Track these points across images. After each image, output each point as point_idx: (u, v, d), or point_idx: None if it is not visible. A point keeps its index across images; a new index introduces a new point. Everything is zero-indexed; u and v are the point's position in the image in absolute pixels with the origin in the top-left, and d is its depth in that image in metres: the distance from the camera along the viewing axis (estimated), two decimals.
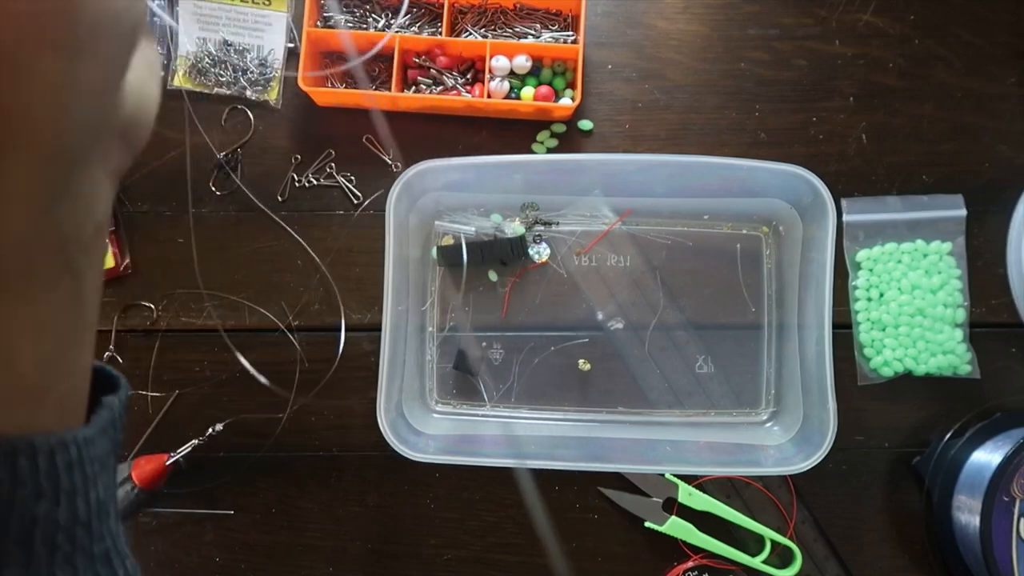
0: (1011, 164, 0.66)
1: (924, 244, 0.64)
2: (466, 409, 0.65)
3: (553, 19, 0.67)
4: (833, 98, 0.67)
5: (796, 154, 0.66)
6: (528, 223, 0.66)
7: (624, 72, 0.67)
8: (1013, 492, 0.57)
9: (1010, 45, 0.67)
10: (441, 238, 0.66)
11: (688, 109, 0.67)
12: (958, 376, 0.63)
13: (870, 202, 0.65)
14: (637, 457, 0.61)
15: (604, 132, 0.67)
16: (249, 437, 0.64)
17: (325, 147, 0.66)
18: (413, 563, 0.64)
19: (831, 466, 0.64)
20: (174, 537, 0.64)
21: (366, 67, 0.67)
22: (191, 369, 0.65)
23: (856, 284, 0.65)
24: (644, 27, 0.68)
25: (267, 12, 0.67)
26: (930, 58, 0.67)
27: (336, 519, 0.64)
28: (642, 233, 0.66)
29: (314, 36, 0.64)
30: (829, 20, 0.68)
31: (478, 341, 0.65)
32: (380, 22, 0.66)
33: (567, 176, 0.64)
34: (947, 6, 0.67)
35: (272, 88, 0.67)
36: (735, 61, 0.67)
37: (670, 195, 0.65)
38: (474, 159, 0.61)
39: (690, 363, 0.65)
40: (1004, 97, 0.67)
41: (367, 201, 0.66)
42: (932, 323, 0.63)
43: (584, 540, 0.64)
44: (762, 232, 0.66)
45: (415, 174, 0.60)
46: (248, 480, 0.64)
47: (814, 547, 0.63)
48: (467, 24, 0.67)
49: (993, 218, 0.65)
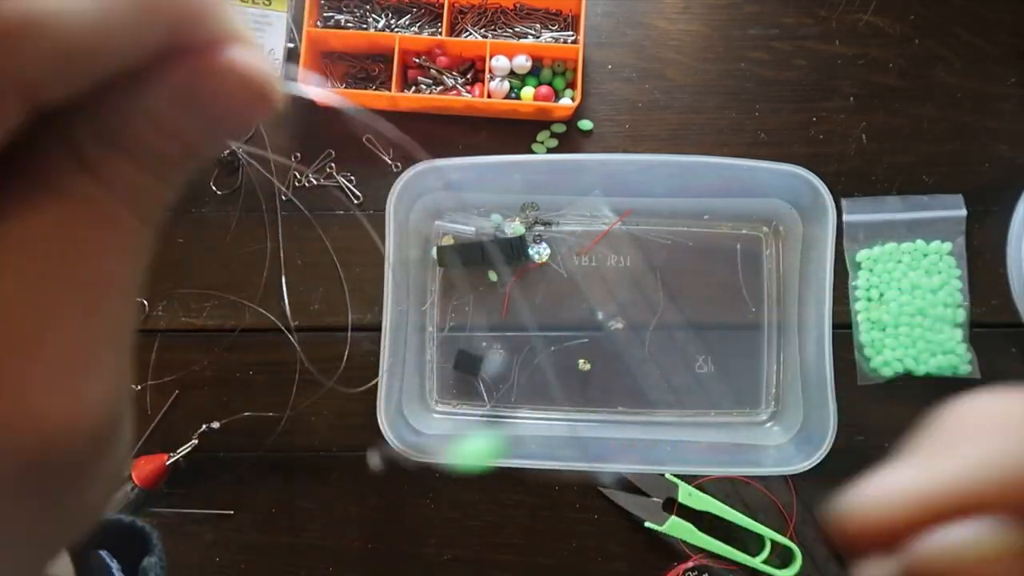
0: (1011, 164, 0.66)
1: (924, 244, 0.64)
2: (466, 409, 0.65)
3: (553, 19, 0.67)
4: (833, 98, 0.67)
5: (796, 154, 0.66)
6: (528, 223, 0.66)
7: (624, 72, 0.67)
8: None
9: (1010, 45, 0.67)
10: (441, 238, 0.66)
11: (688, 109, 0.67)
12: (958, 376, 0.63)
13: (870, 202, 0.65)
14: (637, 457, 0.61)
15: (604, 132, 0.67)
16: (249, 437, 0.64)
17: (325, 147, 0.66)
18: (413, 563, 0.64)
19: (831, 466, 0.63)
20: (174, 537, 0.64)
21: (366, 67, 0.67)
22: (191, 369, 0.65)
23: (856, 284, 0.65)
24: (644, 27, 0.68)
25: (267, 12, 0.67)
26: (930, 58, 0.67)
27: (336, 519, 0.64)
28: (642, 233, 0.66)
29: (314, 36, 0.64)
30: (829, 20, 0.68)
31: (478, 341, 0.65)
32: (380, 22, 0.66)
33: (567, 176, 0.64)
34: (947, 6, 0.67)
35: None
36: (735, 61, 0.67)
37: (670, 195, 0.65)
38: (474, 159, 0.61)
39: (690, 363, 0.65)
40: (1004, 97, 0.67)
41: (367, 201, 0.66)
42: (932, 323, 0.63)
43: (584, 540, 0.64)
44: (762, 232, 0.66)
45: (415, 174, 0.60)
46: (248, 480, 0.64)
47: (814, 547, 0.63)
48: (467, 24, 0.67)
49: (993, 218, 0.65)
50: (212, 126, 0.15)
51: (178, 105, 0.14)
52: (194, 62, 0.14)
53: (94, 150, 0.14)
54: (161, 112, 0.14)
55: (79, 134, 0.14)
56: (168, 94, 0.14)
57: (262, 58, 0.15)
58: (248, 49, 0.15)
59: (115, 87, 0.14)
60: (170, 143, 0.15)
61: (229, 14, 0.15)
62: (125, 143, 0.14)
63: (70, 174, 0.14)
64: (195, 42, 0.14)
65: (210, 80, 0.14)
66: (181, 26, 0.14)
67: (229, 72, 0.15)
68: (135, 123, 0.14)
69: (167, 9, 0.14)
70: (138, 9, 0.13)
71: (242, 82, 0.15)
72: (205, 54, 0.15)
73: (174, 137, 0.15)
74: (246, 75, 0.15)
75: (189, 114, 0.15)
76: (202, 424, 0.64)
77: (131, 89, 0.14)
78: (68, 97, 0.13)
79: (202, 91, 0.14)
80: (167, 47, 0.14)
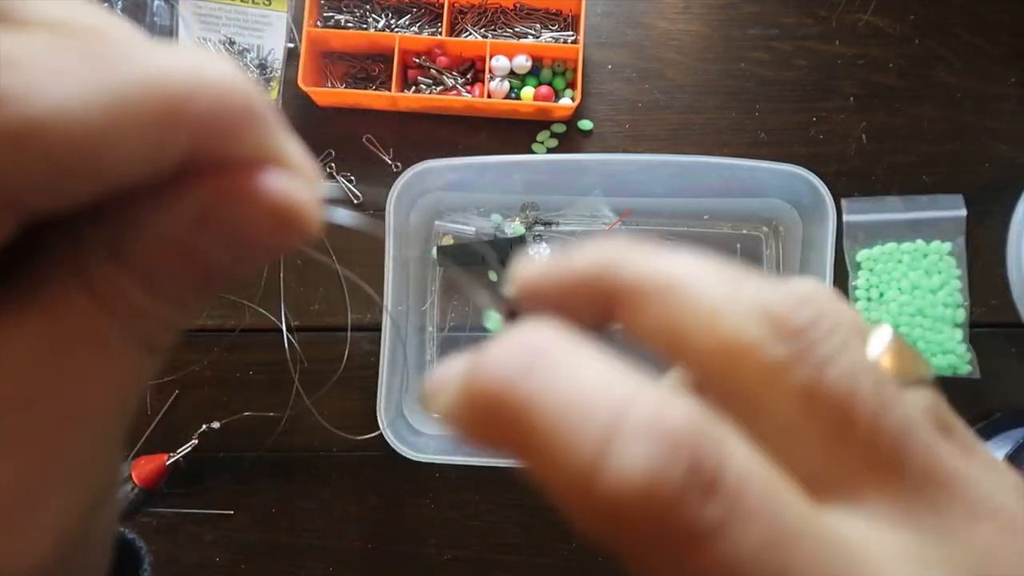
0: (1011, 164, 0.66)
1: (924, 244, 0.64)
2: None
3: (553, 19, 0.67)
4: (833, 98, 0.67)
5: (796, 154, 0.66)
6: (528, 223, 0.66)
7: (624, 72, 0.67)
8: None
9: (1010, 45, 0.67)
10: (441, 238, 0.66)
11: (688, 109, 0.67)
12: (958, 376, 0.63)
13: (870, 202, 0.65)
14: None
15: (604, 132, 0.67)
16: (249, 437, 0.64)
17: (325, 147, 0.66)
18: (413, 563, 0.64)
19: None
20: (174, 537, 0.64)
21: (366, 67, 0.67)
22: (191, 369, 0.65)
23: (856, 284, 0.65)
24: (644, 27, 0.68)
25: (267, 12, 0.67)
26: (930, 58, 0.67)
27: (336, 519, 0.64)
28: (642, 233, 0.66)
29: (314, 36, 0.64)
30: (829, 20, 0.68)
31: (478, 341, 0.65)
32: (380, 22, 0.66)
33: (567, 176, 0.64)
34: (947, 6, 0.67)
35: (272, 88, 0.67)
36: (735, 61, 0.67)
37: (670, 195, 0.65)
38: (474, 159, 0.61)
39: None
40: (1004, 97, 0.67)
41: (367, 201, 0.66)
42: (932, 323, 0.63)
43: (584, 540, 0.64)
44: (762, 232, 0.66)
45: (415, 174, 0.60)
46: (248, 480, 0.64)
47: None
48: (467, 24, 0.67)
49: (993, 218, 0.65)
50: (234, 254, 0.13)
51: (196, 226, 0.13)
52: (219, 182, 0.13)
53: (98, 264, 0.12)
54: (176, 231, 0.13)
55: (85, 242, 0.12)
56: (186, 212, 0.13)
57: (303, 182, 0.13)
58: (288, 171, 0.13)
59: (128, 195, 0.12)
60: (184, 266, 0.13)
61: (269, 128, 0.13)
62: (133, 260, 0.12)
63: (66, 288, 0.12)
64: (225, 157, 0.13)
65: (235, 205, 0.13)
66: (207, 141, 0.12)
67: (258, 199, 0.13)
68: (147, 239, 0.12)
69: (190, 122, 0.12)
70: (155, 120, 0.11)
71: (272, 211, 0.13)
72: (233, 174, 0.13)
73: (189, 260, 0.13)
74: (278, 205, 0.13)
75: (208, 237, 0.13)
76: (202, 424, 0.63)
77: (145, 200, 0.12)
78: (67, 208, 0.12)
79: (224, 216, 0.13)
80: (191, 160, 0.12)
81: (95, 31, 0.12)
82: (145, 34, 0.13)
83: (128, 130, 0.11)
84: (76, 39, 0.11)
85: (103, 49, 0.11)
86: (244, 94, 0.13)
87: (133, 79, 0.11)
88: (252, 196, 0.13)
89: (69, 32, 0.12)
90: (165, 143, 0.12)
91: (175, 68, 0.12)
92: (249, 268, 0.14)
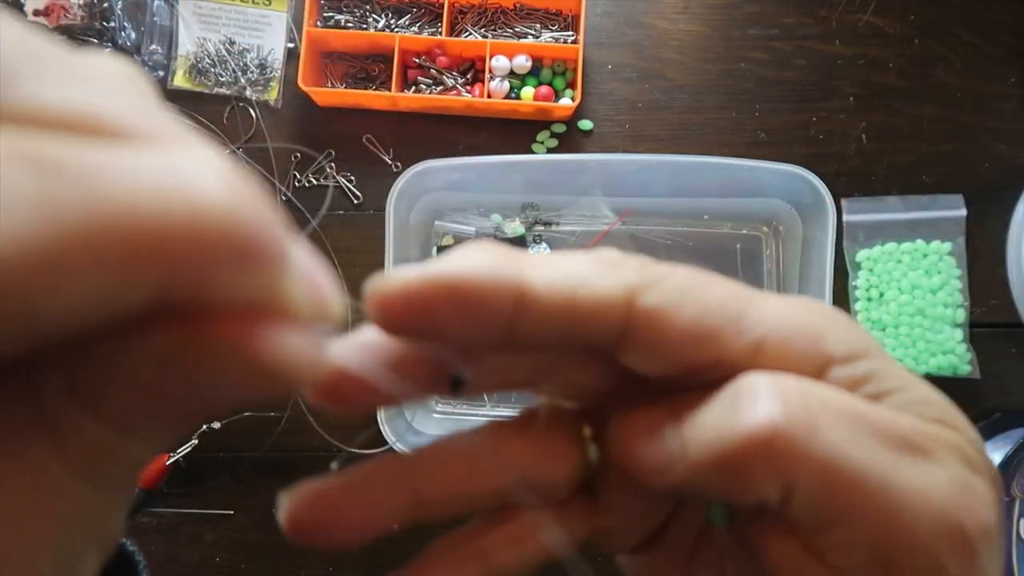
0: (1011, 164, 0.66)
1: (924, 244, 0.64)
2: (466, 409, 0.65)
3: (553, 19, 0.67)
4: (833, 98, 0.67)
5: (796, 154, 0.66)
6: (528, 223, 0.66)
7: (624, 72, 0.67)
8: (1013, 492, 0.57)
9: (1010, 45, 0.67)
10: (441, 238, 0.66)
11: (688, 109, 0.67)
12: (958, 376, 0.63)
13: (870, 202, 0.65)
14: None
15: (604, 132, 0.67)
16: (249, 437, 0.64)
17: (325, 147, 0.66)
18: None
19: None
20: (174, 537, 0.64)
21: (366, 67, 0.67)
22: None
23: (856, 284, 0.65)
24: (644, 27, 0.68)
25: (267, 12, 0.67)
26: (930, 58, 0.67)
27: None
28: (642, 233, 0.66)
29: (314, 36, 0.64)
30: (829, 20, 0.68)
31: None
32: (380, 22, 0.66)
33: (567, 176, 0.64)
34: (947, 6, 0.67)
35: (272, 88, 0.67)
36: (735, 61, 0.67)
37: (670, 195, 0.65)
38: (474, 159, 0.61)
39: None
40: (1004, 97, 0.67)
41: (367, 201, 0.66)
42: (932, 323, 0.63)
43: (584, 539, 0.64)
44: (762, 232, 0.66)
45: (415, 174, 0.60)
46: (248, 480, 0.64)
47: None
48: (467, 24, 0.67)
49: (993, 218, 0.65)
50: (204, 398, 0.11)
51: (164, 368, 0.11)
52: (192, 329, 0.11)
53: (56, 400, 0.11)
54: (140, 371, 0.11)
55: (39, 375, 0.11)
56: (151, 354, 0.11)
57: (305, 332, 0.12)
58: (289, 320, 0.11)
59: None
60: (148, 405, 0.11)
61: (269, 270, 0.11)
62: (94, 398, 0.11)
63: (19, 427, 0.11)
64: (206, 301, 0.11)
65: (208, 356, 0.11)
66: (183, 288, 0.10)
67: (237, 354, 0.11)
68: (108, 377, 0.11)
69: (162, 263, 0.10)
70: (114, 259, 0.09)
71: (253, 368, 0.11)
72: (212, 322, 0.11)
73: (154, 400, 0.11)
74: (262, 362, 0.11)
75: (176, 379, 0.11)
76: (202, 424, 0.64)
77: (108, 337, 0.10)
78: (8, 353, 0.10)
79: (197, 364, 0.11)
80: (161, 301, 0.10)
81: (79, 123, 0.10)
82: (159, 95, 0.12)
83: (75, 270, 0.09)
84: (40, 139, 0.09)
85: (68, 156, 0.09)
86: (242, 228, 0.10)
87: (90, 205, 0.09)
88: (230, 350, 0.11)
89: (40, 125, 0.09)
90: (125, 287, 0.10)
91: (154, 190, 0.09)
92: (223, 409, 0.12)
